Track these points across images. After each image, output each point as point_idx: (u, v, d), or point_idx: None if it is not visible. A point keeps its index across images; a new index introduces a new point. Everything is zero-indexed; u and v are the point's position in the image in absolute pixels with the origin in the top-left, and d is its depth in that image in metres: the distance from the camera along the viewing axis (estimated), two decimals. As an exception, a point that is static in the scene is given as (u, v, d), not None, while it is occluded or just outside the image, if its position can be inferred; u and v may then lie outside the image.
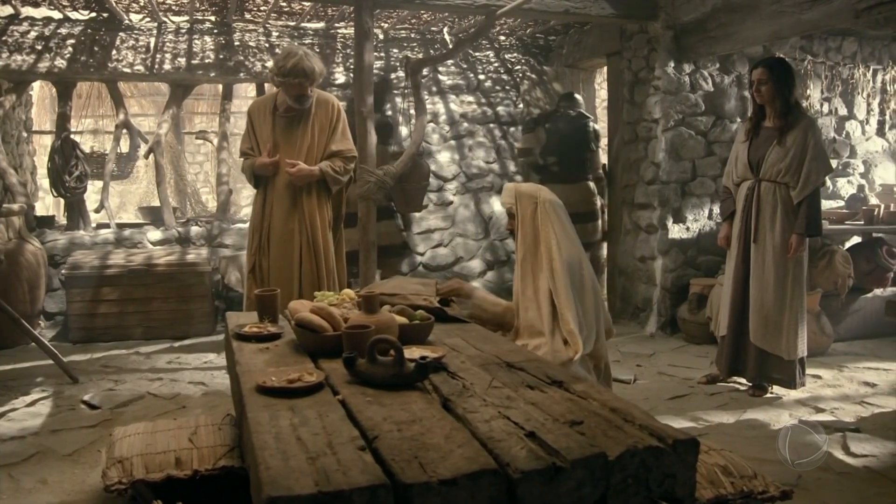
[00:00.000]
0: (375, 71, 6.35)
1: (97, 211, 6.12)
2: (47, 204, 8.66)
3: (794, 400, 3.67)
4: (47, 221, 6.03)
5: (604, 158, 6.09)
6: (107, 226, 6.03)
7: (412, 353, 2.09)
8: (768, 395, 3.76)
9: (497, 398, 1.82)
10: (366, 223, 4.32)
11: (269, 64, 3.71)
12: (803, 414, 3.45)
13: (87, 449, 3.10)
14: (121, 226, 6.15)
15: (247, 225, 6.38)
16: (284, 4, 5.64)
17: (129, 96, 9.24)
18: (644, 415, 1.69)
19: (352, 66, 5.68)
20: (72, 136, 5.91)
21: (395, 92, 6.33)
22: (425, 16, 6.09)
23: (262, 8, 5.75)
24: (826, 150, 3.84)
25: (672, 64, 5.12)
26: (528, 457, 1.44)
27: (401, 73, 6.37)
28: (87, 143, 7.88)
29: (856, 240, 5.42)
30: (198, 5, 5.65)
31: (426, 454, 1.45)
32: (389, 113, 6.12)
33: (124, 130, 6.15)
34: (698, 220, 5.31)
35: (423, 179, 4.54)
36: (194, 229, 6.11)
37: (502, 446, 1.50)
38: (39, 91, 8.21)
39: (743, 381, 3.91)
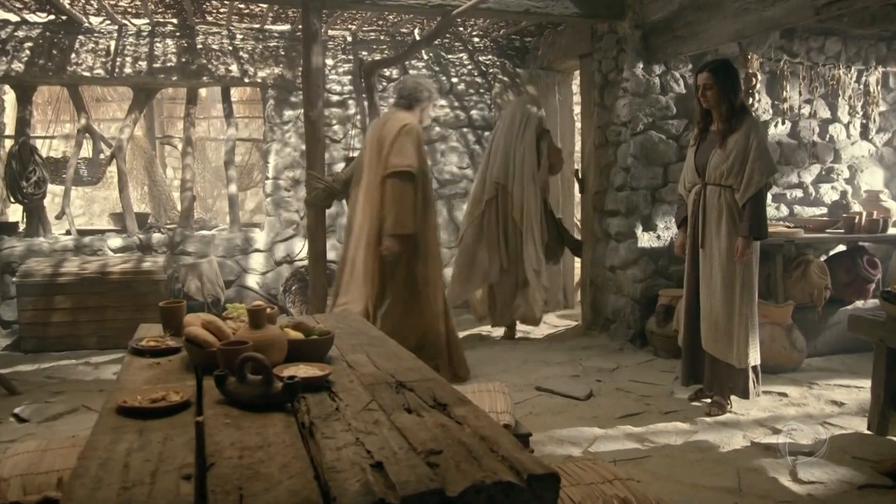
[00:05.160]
0: (329, 74, 6.21)
1: (58, 217, 5.99)
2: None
3: (752, 420, 3.44)
4: (9, 228, 5.91)
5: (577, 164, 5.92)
6: (69, 232, 5.92)
7: (297, 370, 1.99)
8: (727, 413, 3.54)
9: (364, 422, 1.66)
10: (314, 232, 4.15)
11: (234, 67, 3.41)
12: (759, 436, 3.22)
13: (-3, 466, 2.94)
14: (82, 232, 6.02)
15: (211, 232, 6.25)
16: (243, 6, 5.50)
17: (110, 101, 9.14)
18: (512, 444, 1.51)
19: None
20: (31, 140, 5.80)
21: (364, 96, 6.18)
22: (392, 17, 5.93)
23: (221, 10, 5.61)
24: (769, 150, 3.70)
25: (641, 65, 4.92)
26: (359, 491, 1.29)
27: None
28: (59, 148, 7.78)
29: (840, 249, 5.18)
30: (153, 8, 5.51)
31: (252, 485, 1.31)
32: None
33: (87, 135, 6.04)
34: (670, 228, 5.07)
35: (377, 185, 4.39)
36: (156, 236, 5.97)
37: (339, 478, 1.34)
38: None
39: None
